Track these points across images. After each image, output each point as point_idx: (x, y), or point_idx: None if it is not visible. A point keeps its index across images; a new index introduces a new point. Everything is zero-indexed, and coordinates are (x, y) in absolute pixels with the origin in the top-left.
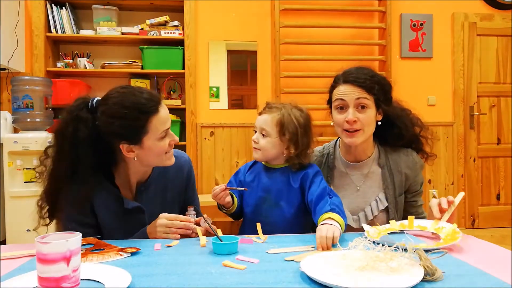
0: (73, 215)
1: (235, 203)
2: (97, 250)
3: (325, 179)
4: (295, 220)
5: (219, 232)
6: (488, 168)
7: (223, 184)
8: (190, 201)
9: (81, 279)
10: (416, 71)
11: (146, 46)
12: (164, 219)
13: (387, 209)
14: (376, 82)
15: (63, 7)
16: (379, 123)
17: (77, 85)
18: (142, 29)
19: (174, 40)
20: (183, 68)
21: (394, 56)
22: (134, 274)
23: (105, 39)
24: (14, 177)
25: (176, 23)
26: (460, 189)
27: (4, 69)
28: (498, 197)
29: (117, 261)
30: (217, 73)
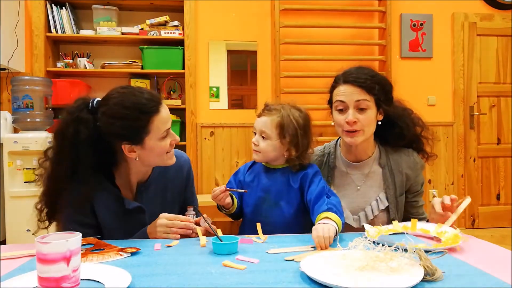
0: (73, 215)
1: (234, 204)
2: (97, 250)
3: (326, 179)
4: (295, 220)
5: (219, 232)
6: (488, 168)
7: (223, 185)
8: (189, 201)
9: (81, 279)
10: (416, 71)
11: (146, 46)
12: (164, 219)
13: (387, 209)
14: (376, 82)
15: (63, 7)
16: (379, 123)
17: (77, 85)
18: (142, 29)
19: (174, 40)
20: (183, 68)
21: (394, 56)
22: (134, 274)
23: (105, 39)
24: (14, 177)
25: (176, 23)
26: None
27: (4, 69)
28: (498, 197)
29: (117, 261)
30: (217, 73)
